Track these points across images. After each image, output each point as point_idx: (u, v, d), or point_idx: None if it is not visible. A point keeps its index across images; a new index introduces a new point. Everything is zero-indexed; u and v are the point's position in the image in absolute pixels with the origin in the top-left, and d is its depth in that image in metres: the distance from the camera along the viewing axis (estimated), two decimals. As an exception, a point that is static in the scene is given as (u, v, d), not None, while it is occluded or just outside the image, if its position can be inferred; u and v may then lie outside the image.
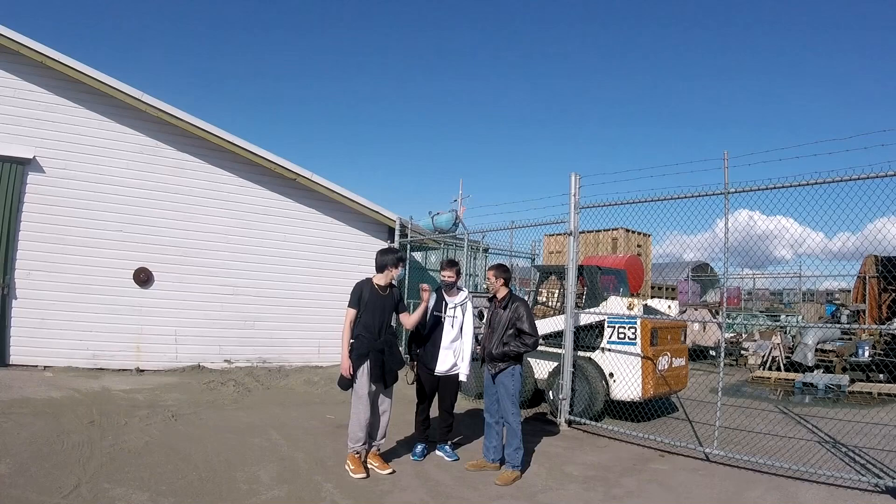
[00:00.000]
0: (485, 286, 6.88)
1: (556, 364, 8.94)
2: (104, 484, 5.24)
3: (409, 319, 6.49)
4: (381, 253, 6.38)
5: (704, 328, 16.74)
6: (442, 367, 6.63)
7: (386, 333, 6.14)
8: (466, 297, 6.91)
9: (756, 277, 23.38)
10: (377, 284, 6.19)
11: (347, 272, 11.13)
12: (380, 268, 6.25)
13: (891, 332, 14.10)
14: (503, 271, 6.63)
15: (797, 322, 18.47)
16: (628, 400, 8.57)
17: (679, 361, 9.35)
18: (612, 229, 18.46)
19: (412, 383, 6.93)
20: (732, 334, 18.35)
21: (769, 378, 13.87)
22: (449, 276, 6.74)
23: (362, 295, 6.10)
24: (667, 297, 16.06)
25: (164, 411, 7.87)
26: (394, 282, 6.34)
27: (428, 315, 6.63)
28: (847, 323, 16.73)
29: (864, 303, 17.84)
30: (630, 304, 8.86)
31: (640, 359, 8.51)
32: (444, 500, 5.52)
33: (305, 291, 12.02)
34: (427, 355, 6.67)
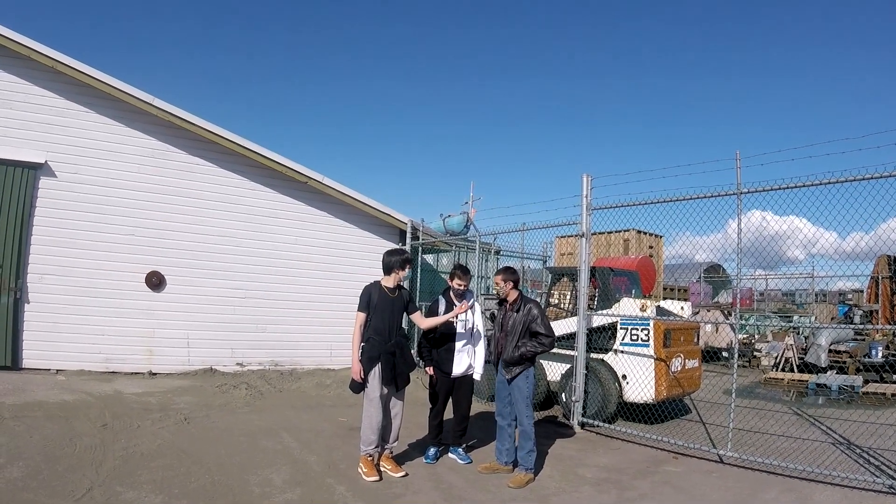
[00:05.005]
0: (495, 290, 6.83)
1: (568, 366, 8.91)
2: (117, 487, 5.25)
3: (424, 322, 6.48)
4: (388, 254, 6.33)
5: (717, 329, 16.67)
6: (458, 369, 6.62)
7: (397, 336, 6.12)
8: (474, 298, 6.89)
9: (768, 278, 23.25)
10: (385, 287, 6.16)
11: (359, 275, 11.11)
12: (387, 269, 6.22)
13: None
14: (511, 274, 6.55)
15: (810, 323, 18.36)
16: (641, 402, 8.52)
17: (692, 363, 9.31)
18: (624, 230, 18.46)
19: (430, 387, 6.91)
20: (745, 335, 18.27)
21: (782, 379, 13.78)
22: (466, 286, 6.72)
23: (371, 298, 6.07)
24: (679, 299, 16.00)
25: (177, 414, 7.88)
26: (402, 283, 6.32)
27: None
28: (860, 323, 16.62)
29: (877, 303, 17.73)
30: (643, 306, 8.83)
31: (653, 360, 8.46)
32: (457, 502, 5.50)
33: (317, 294, 12.03)
34: (442, 359, 6.65)
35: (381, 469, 6.04)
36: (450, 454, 6.79)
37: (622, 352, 8.79)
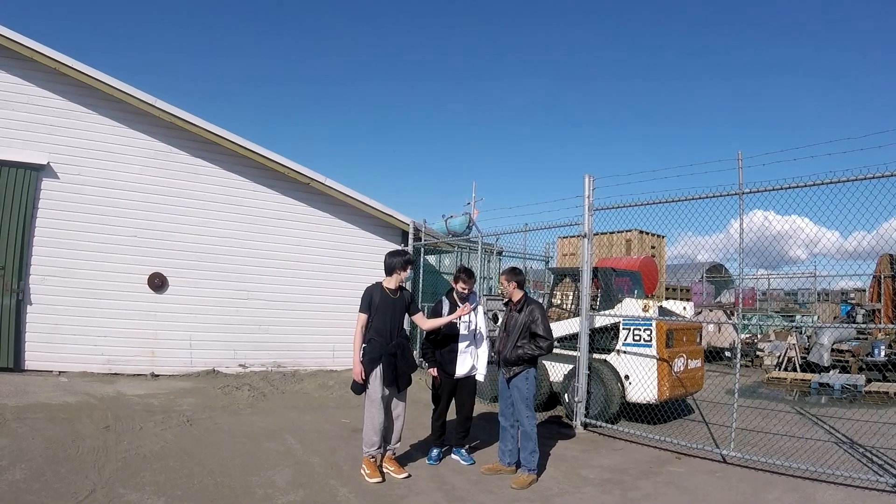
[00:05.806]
0: (499, 290, 6.83)
1: (571, 367, 8.90)
2: (119, 489, 5.25)
3: (425, 323, 6.48)
4: (390, 255, 6.33)
5: (720, 329, 16.65)
6: (461, 370, 6.62)
7: (398, 337, 6.12)
8: (477, 300, 6.89)
9: (771, 278, 23.22)
10: (387, 288, 6.16)
11: (361, 276, 11.10)
12: (388, 270, 6.22)
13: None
14: (515, 274, 6.59)
15: (812, 322, 18.33)
16: (644, 402, 8.51)
17: (695, 363, 9.29)
18: (626, 231, 18.43)
19: (433, 388, 6.90)
20: (748, 335, 18.24)
21: (785, 379, 13.74)
22: (470, 290, 6.71)
23: (372, 299, 6.07)
24: (681, 299, 15.99)
25: (180, 416, 7.89)
26: (403, 284, 6.32)
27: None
28: (863, 322, 16.60)
29: (880, 302, 17.71)
30: (645, 306, 8.82)
31: (655, 361, 8.45)
32: (460, 503, 5.50)
33: (319, 295, 12.02)
34: (445, 360, 6.65)
35: (384, 470, 6.04)
36: (453, 455, 6.78)
37: (625, 352, 8.77)
